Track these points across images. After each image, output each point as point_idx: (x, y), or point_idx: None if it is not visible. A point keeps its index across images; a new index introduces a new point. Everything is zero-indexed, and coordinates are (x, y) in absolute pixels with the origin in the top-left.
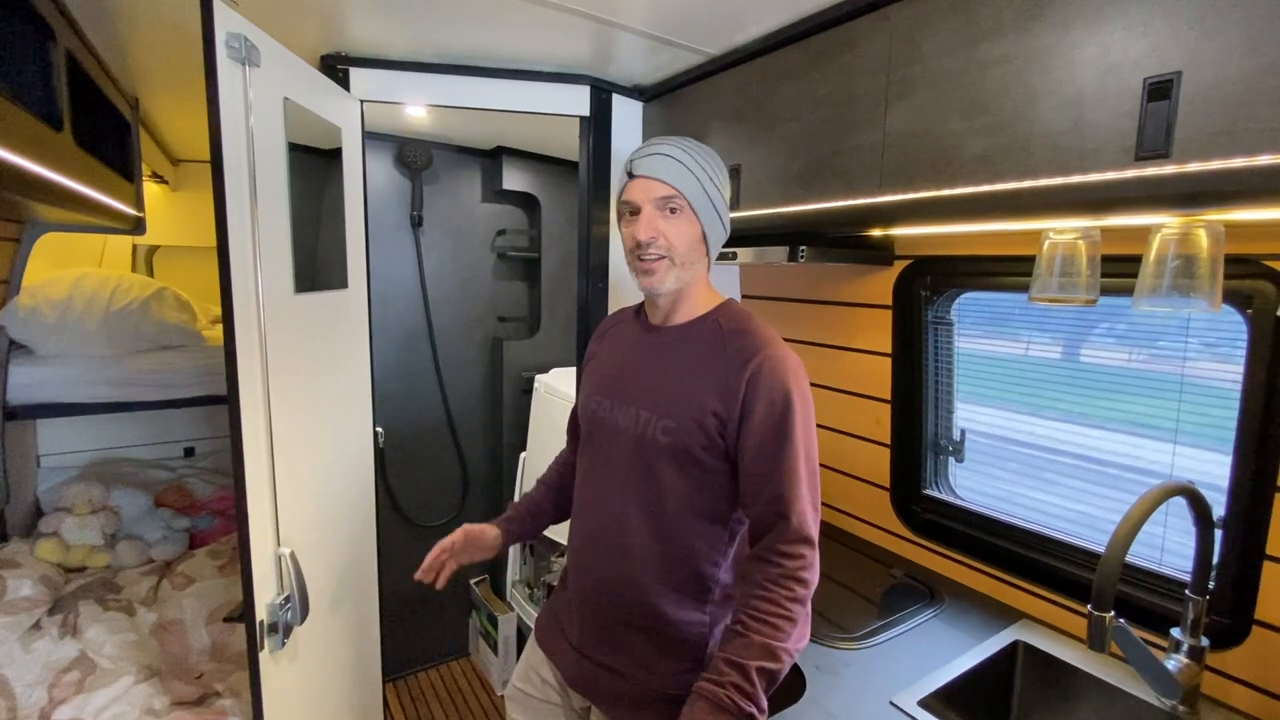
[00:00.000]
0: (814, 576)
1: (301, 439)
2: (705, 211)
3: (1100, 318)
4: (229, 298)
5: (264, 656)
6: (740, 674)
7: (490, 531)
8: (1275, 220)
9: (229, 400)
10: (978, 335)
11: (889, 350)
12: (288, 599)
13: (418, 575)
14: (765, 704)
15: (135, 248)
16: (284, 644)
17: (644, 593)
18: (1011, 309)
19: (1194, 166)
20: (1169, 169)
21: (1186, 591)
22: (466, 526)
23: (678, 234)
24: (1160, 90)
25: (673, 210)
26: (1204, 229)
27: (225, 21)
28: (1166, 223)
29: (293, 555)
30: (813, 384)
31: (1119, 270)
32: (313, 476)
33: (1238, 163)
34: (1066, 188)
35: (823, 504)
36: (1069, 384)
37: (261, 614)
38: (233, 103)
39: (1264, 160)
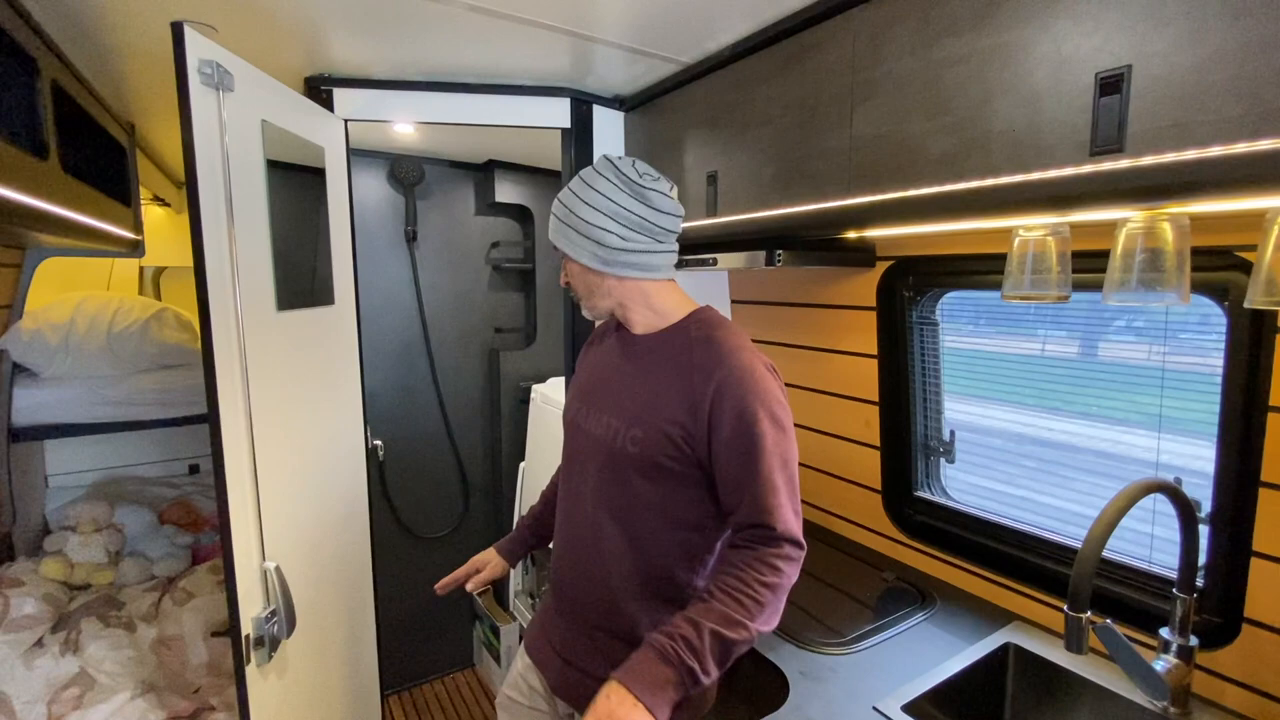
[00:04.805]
0: (791, 569)
1: (288, 454)
2: (577, 244)
3: (1114, 314)
4: (206, 316)
5: (251, 670)
6: (694, 630)
7: (488, 557)
8: (1241, 211)
9: (209, 417)
10: (961, 333)
11: (876, 352)
12: (273, 613)
13: (437, 587)
14: (713, 669)
15: (142, 270)
16: (271, 657)
17: (620, 600)
18: (997, 306)
19: (1148, 160)
20: (1123, 163)
21: (1174, 590)
22: (474, 558)
23: (574, 278)
24: (1111, 85)
25: (565, 258)
26: (1168, 222)
27: (197, 49)
28: (1131, 217)
29: (278, 569)
30: (803, 387)
31: (1095, 266)
32: (301, 491)
33: (1190, 155)
34: (1026, 185)
35: (817, 508)
36: (1074, 380)
37: (247, 628)
38: (207, 126)
39: (1215, 152)
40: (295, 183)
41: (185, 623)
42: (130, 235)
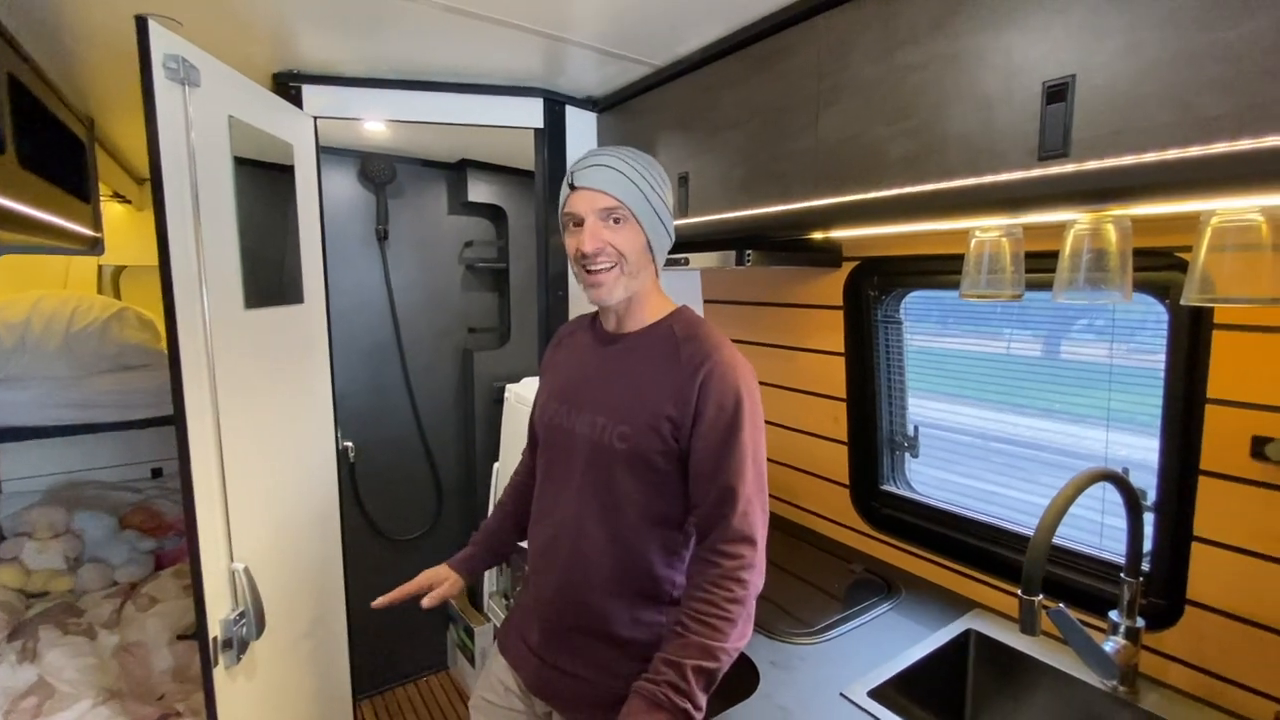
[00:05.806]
0: (754, 577)
1: (257, 454)
2: (648, 219)
3: (1076, 314)
4: (172, 314)
5: (219, 673)
6: (676, 672)
7: (441, 573)
8: (1179, 214)
9: (175, 417)
10: (931, 333)
11: (843, 350)
12: (242, 614)
13: (374, 604)
14: (702, 702)
15: (101, 268)
16: (239, 659)
17: (601, 597)
18: (965, 307)
19: (1091, 165)
20: (1069, 168)
21: (1121, 574)
22: (425, 572)
23: (625, 243)
24: (1057, 93)
25: (617, 220)
26: (1112, 224)
27: (162, 43)
28: (1077, 219)
29: (246, 570)
30: (773, 385)
31: (1052, 266)
32: (270, 492)
33: (1129, 160)
34: (980, 188)
35: (787, 502)
36: (1037, 378)
37: (215, 630)
38: (172, 122)
39: (1151, 157)
40: (263, 180)
41: (149, 629)
42: (89, 232)
